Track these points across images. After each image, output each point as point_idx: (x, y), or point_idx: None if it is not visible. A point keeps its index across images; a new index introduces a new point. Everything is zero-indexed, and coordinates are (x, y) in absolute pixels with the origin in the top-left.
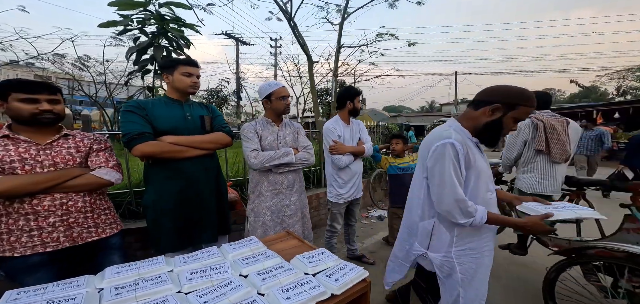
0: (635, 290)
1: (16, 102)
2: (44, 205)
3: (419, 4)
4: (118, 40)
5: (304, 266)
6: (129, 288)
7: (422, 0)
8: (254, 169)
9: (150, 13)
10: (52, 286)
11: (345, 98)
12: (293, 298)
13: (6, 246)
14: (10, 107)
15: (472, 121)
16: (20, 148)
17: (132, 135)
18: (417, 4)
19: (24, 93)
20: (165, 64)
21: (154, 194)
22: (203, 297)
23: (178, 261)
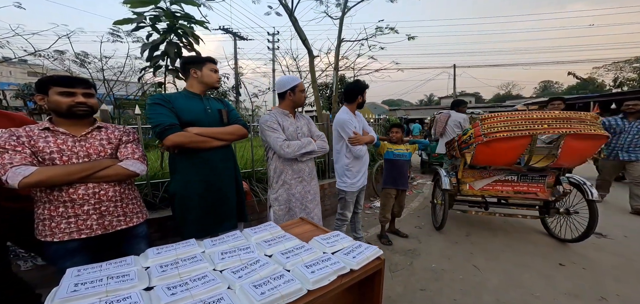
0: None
1: (56, 95)
2: (79, 193)
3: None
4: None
5: (322, 246)
6: (171, 265)
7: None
8: (286, 158)
9: (162, 10)
10: (106, 264)
11: (356, 92)
12: (317, 272)
13: (48, 231)
14: (50, 99)
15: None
16: (59, 140)
17: (164, 126)
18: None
19: (62, 87)
20: (194, 60)
21: (181, 182)
22: (236, 273)
23: (208, 243)
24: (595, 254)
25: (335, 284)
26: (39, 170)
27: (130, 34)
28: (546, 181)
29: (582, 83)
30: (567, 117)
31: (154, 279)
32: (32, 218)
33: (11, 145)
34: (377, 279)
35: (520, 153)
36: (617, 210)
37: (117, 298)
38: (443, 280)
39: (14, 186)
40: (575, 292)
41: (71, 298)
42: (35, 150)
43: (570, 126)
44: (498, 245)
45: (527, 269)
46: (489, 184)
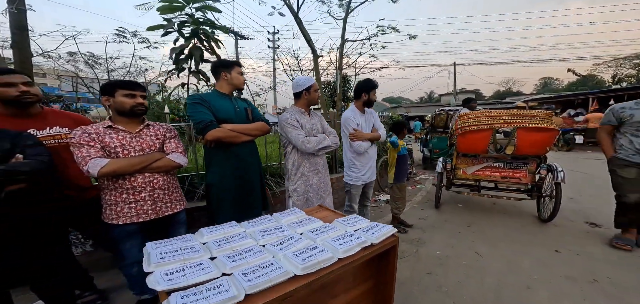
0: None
1: (121, 96)
2: (138, 182)
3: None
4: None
5: (344, 226)
6: (223, 242)
7: None
8: (306, 152)
9: (188, 16)
10: (174, 240)
11: (361, 90)
12: (344, 245)
13: (114, 215)
14: (116, 100)
15: None
16: (120, 136)
17: (206, 123)
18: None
19: (126, 90)
20: (225, 63)
21: (218, 173)
22: (277, 246)
23: (246, 225)
24: (588, 243)
25: (360, 255)
26: (111, 161)
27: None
28: (528, 168)
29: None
30: (520, 114)
31: (214, 251)
32: (88, 206)
33: (85, 141)
34: (392, 254)
35: (487, 142)
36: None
37: (193, 263)
38: (448, 265)
39: (93, 175)
40: (570, 275)
41: (162, 262)
42: (103, 145)
43: (521, 121)
44: (498, 234)
45: (526, 256)
46: (479, 170)
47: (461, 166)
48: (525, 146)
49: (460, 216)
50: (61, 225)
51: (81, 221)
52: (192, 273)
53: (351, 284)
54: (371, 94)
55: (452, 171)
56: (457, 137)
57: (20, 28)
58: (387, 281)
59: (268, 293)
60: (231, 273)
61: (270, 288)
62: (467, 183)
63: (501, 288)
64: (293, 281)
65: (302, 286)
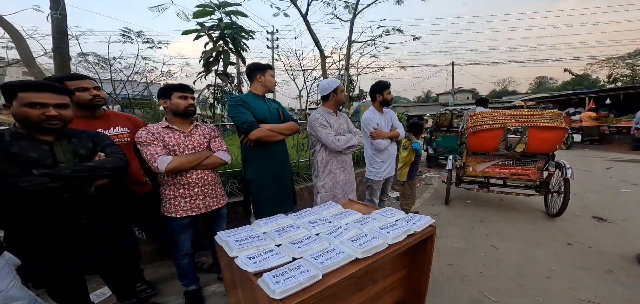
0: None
1: (177, 99)
2: (192, 178)
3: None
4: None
5: (383, 217)
6: (280, 231)
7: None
8: (334, 150)
9: (219, 20)
10: (239, 230)
11: (374, 92)
12: (391, 233)
13: (172, 208)
14: (172, 102)
15: None
16: (175, 135)
17: (250, 123)
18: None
19: (181, 92)
20: (259, 67)
21: (257, 170)
22: (330, 234)
23: (294, 217)
24: (598, 236)
25: (406, 242)
26: (174, 158)
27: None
28: (536, 165)
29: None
30: (531, 114)
31: (277, 239)
32: (145, 200)
33: (151, 140)
34: (429, 242)
35: (498, 141)
36: (616, 196)
37: (265, 250)
38: (466, 257)
39: (161, 171)
40: (586, 266)
41: (241, 248)
42: (164, 143)
43: (532, 120)
44: (510, 228)
45: (540, 249)
46: (489, 167)
47: (471, 164)
48: (536, 144)
49: (471, 211)
50: (128, 216)
51: (140, 214)
52: (269, 257)
53: (389, 271)
54: (385, 94)
55: (461, 169)
56: (468, 136)
57: (61, 32)
58: (424, 267)
59: (336, 273)
60: (301, 257)
61: (337, 269)
62: (477, 180)
63: (522, 278)
64: (355, 264)
65: (361, 268)
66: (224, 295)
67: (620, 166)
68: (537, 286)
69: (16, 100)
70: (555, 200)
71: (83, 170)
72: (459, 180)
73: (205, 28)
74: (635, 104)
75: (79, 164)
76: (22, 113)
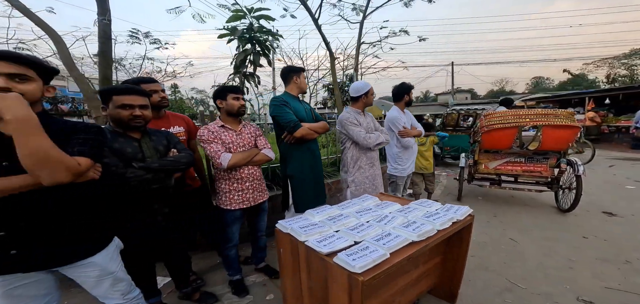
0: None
1: (231, 99)
2: (245, 173)
3: (430, 2)
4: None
5: (423, 207)
6: (332, 219)
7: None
8: (366, 147)
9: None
10: (296, 218)
11: (402, 92)
12: (437, 220)
13: (226, 201)
14: (228, 103)
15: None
16: (229, 134)
17: (295, 122)
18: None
19: (235, 93)
20: (295, 69)
21: (297, 166)
22: (380, 222)
23: (339, 208)
24: (610, 229)
25: (451, 228)
26: (233, 155)
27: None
28: (548, 162)
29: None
30: (545, 113)
31: (333, 227)
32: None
33: (211, 139)
34: (467, 230)
35: (512, 139)
36: (621, 192)
37: (328, 235)
38: (488, 250)
39: (224, 166)
40: (604, 258)
41: (308, 234)
42: (221, 141)
43: (547, 119)
44: (525, 223)
45: (558, 242)
46: (501, 164)
47: (483, 162)
48: (550, 142)
49: (484, 207)
50: (186, 208)
51: (192, 207)
52: (334, 241)
53: (428, 257)
54: (410, 94)
55: (474, 166)
56: (482, 134)
57: (106, 37)
58: (461, 254)
59: (399, 253)
60: (362, 240)
61: (399, 250)
62: (489, 177)
63: (545, 268)
64: (412, 246)
65: (418, 250)
66: (263, 285)
67: (621, 164)
68: (562, 275)
69: (111, 102)
70: (567, 195)
71: (167, 164)
72: (471, 177)
73: (237, 31)
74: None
75: (164, 158)
76: (116, 113)
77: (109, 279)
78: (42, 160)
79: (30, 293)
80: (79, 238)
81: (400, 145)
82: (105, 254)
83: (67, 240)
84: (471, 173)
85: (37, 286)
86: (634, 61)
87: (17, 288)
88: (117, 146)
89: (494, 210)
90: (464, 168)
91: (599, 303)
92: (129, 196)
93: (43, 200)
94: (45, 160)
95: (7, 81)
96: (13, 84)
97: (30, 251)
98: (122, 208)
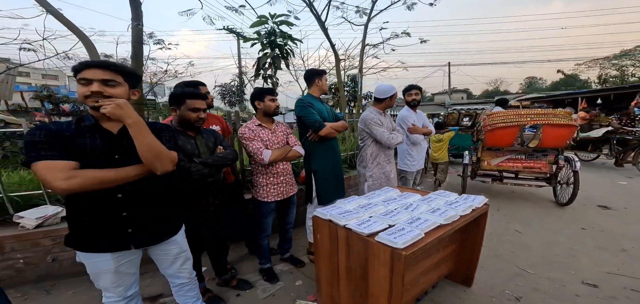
0: None
1: (268, 101)
2: (279, 168)
3: (431, 5)
4: None
5: (443, 197)
6: (363, 207)
7: (434, 2)
8: (387, 145)
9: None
10: (329, 207)
11: (404, 93)
12: (459, 208)
13: (263, 194)
14: (265, 104)
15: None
16: (265, 132)
17: (320, 122)
18: (430, 5)
19: (271, 96)
20: (317, 72)
21: (320, 162)
22: (407, 210)
23: (365, 198)
24: (605, 221)
25: (471, 214)
26: (272, 151)
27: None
28: (547, 158)
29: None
30: (545, 113)
31: (366, 214)
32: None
33: (252, 137)
34: (483, 218)
35: (514, 137)
36: (614, 187)
37: (364, 220)
38: (495, 240)
39: (265, 162)
40: (601, 246)
41: (347, 219)
42: (260, 139)
43: (546, 119)
44: (527, 216)
45: (559, 233)
46: (503, 161)
47: (486, 159)
48: (549, 140)
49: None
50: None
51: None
52: (372, 224)
53: (447, 243)
54: (414, 94)
55: (477, 163)
56: (485, 133)
57: (139, 41)
58: (477, 240)
59: (430, 234)
60: (395, 223)
61: (430, 231)
62: (490, 173)
63: (549, 256)
64: (440, 228)
65: (446, 232)
66: (290, 273)
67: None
68: (565, 262)
69: (184, 105)
70: (565, 190)
71: (219, 160)
72: (474, 174)
73: (262, 36)
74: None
75: (215, 155)
76: (187, 115)
77: (182, 257)
78: (157, 153)
79: (130, 271)
80: (168, 219)
81: (410, 142)
82: (181, 235)
83: (162, 221)
84: (474, 170)
85: (134, 263)
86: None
87: (123, 264)
88: (180, 143)
89: (497, 204)
90: (468, 165)
91: (602, 286)
92: (191, 189)
93: (149, 187)
94: (159, 153)
95: (100, 86)
96: (105, 88)
97: (141, 230)
98: (186, 199)
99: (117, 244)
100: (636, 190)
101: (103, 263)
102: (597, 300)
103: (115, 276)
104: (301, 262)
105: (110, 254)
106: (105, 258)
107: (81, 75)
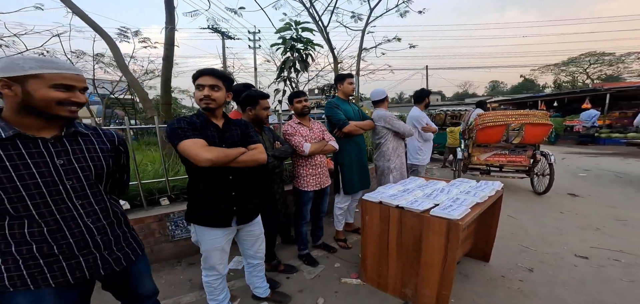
0: None
1: (296, 103)
2: (317, 160)
3: (420, 13)
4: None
5: (465, 184)
6: (403, 193)
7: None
8: (407, 136)
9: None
10: (375, 192)
11: (424, 96)
12: (486, 191)
13: (303, 183)
14: (294, 106)
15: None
16: (304, 129)
17: (343, 121)
18: (419, 13)
19: (298, 98)
20: (338, 78)
21: (347, 156)
22: (442, 193)
23: (401, 185)
24: (578, 207)
25: (495, 195)
26: (312, 145)
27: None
28: (526, 154)
29: (525, 83)
30: (526, 114)
31: (409, 197)
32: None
33: (294, 132)
34: (500, 200)
35: (501, 135)
36: (576, 179)
37: (412, 200)
38: None
39: (306, 154)
40: (580, 226)
41: (399, 200)
42: (300, 134)
43: (528, 119)
44: (515, 204)
45: (545, 217)
46: (490, 156)
47: (475, 154)
48: (530, 137)
49: None
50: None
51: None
52: (420, 203)
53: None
54: (428, 98)
55: (468, 158)
56: (476, 131)
57: (170, 43)
58: (494, 220)
59: (472, 210)
60: (440, 202)
61: (472, 207)
62: (479, 168)
63: (543, 235)
64: (477, 206)
65: (481, 209)
66: (326, 257)
67: (571, 157)
68: (557, 239)
69: (259, 105)
70: (541, 180)
71: (282, 153)
72: (465, 168)
73: (288, 42)
74: (576, 106)
75: (279, 149)
76: (261, 114)
77: (261, 237)
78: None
79: (226, 249)
80: (257, 201)
81: (422, 139)
82: (260, 218)
83: (254, 202)
84: (465, 164)
85: (229, 242)
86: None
87: (227, 243)
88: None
89: None
90: (461, 160)
91: (591, 257)
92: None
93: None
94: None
95: (209, 90)
96: (211, 93)
97: (242, 208)
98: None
99: (226, 219)
100: (594, 180)
101: (217, 240)
102: (591, 268)
103: (221, 254)
104: (333, 248)
105: (221, 231)
106: (217, 235)
107: (198, 81)
